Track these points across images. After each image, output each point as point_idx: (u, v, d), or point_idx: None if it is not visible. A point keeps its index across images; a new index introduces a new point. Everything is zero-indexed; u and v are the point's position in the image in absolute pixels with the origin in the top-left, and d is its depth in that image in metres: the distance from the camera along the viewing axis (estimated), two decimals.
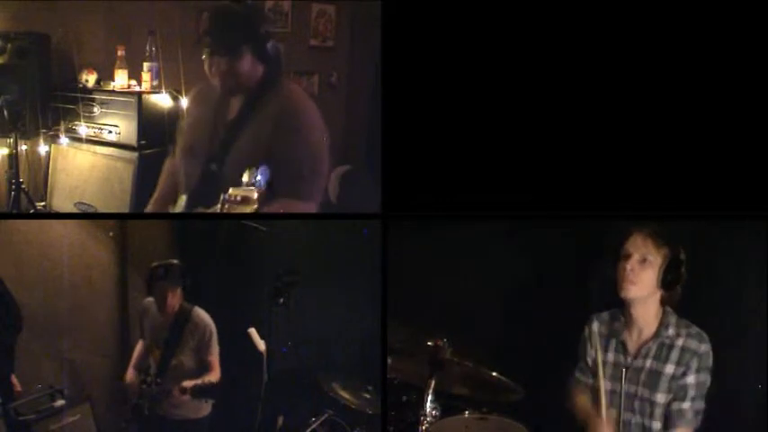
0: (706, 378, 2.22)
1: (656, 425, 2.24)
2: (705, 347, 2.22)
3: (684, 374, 2.21)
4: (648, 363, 2.26)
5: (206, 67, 2.42)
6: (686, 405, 2.21)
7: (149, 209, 2.68)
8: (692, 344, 2.23)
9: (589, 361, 2.40)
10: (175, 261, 2.73)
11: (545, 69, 2.45)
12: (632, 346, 2.30)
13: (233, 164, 2.40)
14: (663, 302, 2.27)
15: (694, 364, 2.21)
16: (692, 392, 2.21)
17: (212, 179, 2.43)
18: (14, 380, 2.53)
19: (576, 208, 2.47)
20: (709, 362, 2.22)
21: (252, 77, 2.43)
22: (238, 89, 2.45)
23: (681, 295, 2.27)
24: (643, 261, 2.22)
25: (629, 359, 2.28)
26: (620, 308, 2.35)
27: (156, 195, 2.68)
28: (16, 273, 2.63)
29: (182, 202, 2.53)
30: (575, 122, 2.46)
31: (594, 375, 2.38)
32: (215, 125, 2.50)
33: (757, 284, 2.46)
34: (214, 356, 2.73)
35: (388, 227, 2.46)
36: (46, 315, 2.74)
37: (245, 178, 2.08)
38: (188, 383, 2.59)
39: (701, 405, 2.22)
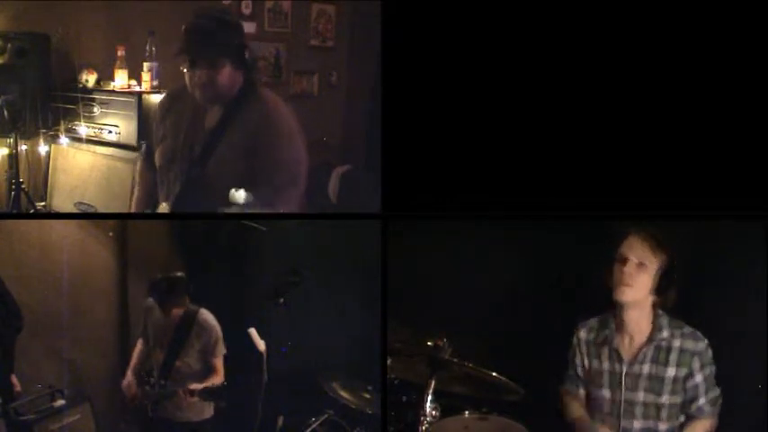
0: (711, 369, 2.25)
1: (663, 426, 2.25)
2: (702, 345, 2.24)
3: (690, 376, 2.23)
4: (647, 368, 2.26)
5: (187, 80, 2.46)
6: (702, 401, 2.25)
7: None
8: (689, 344, 2.24)
9: (578, 370, 2.40)
10: (179, 273, 2.73)
11: (545, 70, 2.45)
12: (626, 352, 2.30)
13: (214, 170, 2.44)
14: (655, 306, 2.28)
15: (697, 364, 2.23)
16: (702, 388, 2.24)
17: (195, 185, 2.46)
18: (14, 380, 2.53)
19: (575, 208, 2.47)
20: (710, 354, 2.25)
21: (232, 87, 2.47)
22: (218, 99, 2.48)
23: (675, 300, 2.28)
24: (640, 265, 2.23)
25: (624, 366, 2.28)
26: (608, 313, 2.35)
27: (136, 201, 2.72)
28: (16, 273, 2.63)
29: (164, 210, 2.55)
30: (574, 123, 2.46)
31: (585, 384, 2.39)
32: (194, 132, 2.52)
33: (757, 284, 2.46)
34: (218, 359, 2.73)
35: (388, 227, 2.46)
36: (46, 315, 2.74)
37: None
38: (196, 386, 2.60)
39: (715, 393, 2.27)
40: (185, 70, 2.45)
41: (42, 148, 3.16)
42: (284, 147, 2.46)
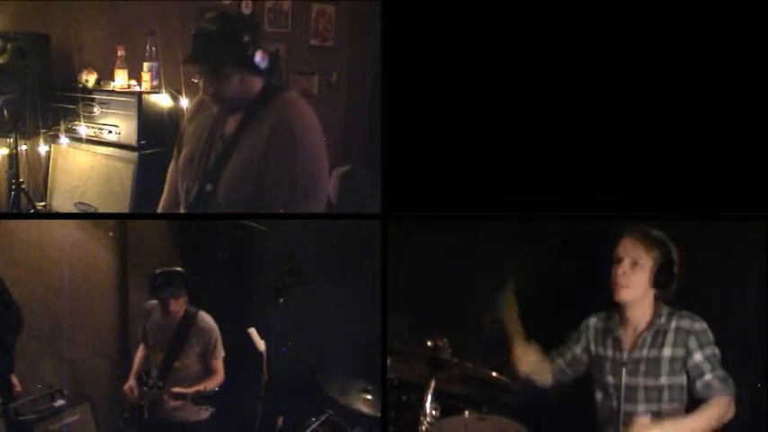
0: (713, 351, 2.25)
1: (666, 406, 2.27)
2: (699, 325, 2.26)
3: (689, 355, 2.24)
4: (645, 352, 2.29)
5: (201, 88, 2.41)
6: (708, 377, 2.24)
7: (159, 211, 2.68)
8: (685, 323, 2.27)
9: (576, 351, 2.45)
10: (178, 268, 2.72)
11: (544, 70, 2.45)
12: (627, 341, 2.33)
13: (226, 182, 2.39)
14: (656, 299, 2.32)
15: (694, 343, 2.25)
16: (707, 366, 2.24)
17: (207, 199, 2.42)
18: (14, 380, 2.53)
19: (576, 208, 2.47)
20: (710, 336, 2.26)
21: (246, 94, 2.39)
22: (234, 107, 2.41)
23: (675, 291, 2.30)
24: (634, 264, 2.27)
25: (624, 354, 2.31)
26: (616, 307, 2.37)
27: (162, 201, 2.67)
28: (16, 273, 2.63)
29: None
30: (574, 123, 2.46)
31: (573, 370, 2.43)
32: (213, 139, 2.47)
33: (757, 284, 2.46)
34: (218, 361, 2.73)
35: (388, 227, 2.46)
36: (46, 315, 2.74)
37: None
38: (188, 389, 2.61)
39: (722, 372, 2.25)
40: (195, 80, 2.39)
41: (42, 148, 3.15)
42: (301, 155, 2.34)
